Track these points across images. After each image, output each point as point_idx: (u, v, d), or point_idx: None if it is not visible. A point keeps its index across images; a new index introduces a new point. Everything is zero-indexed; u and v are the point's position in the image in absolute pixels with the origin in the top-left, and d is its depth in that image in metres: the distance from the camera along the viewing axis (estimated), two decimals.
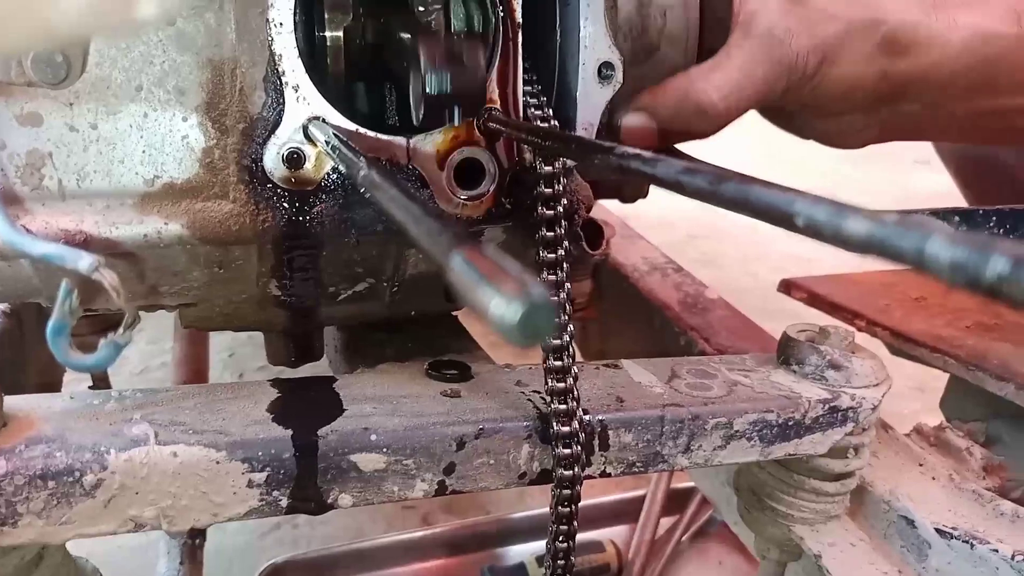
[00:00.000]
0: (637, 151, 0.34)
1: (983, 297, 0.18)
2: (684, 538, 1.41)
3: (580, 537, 0.60)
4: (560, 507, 0.56)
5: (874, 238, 0.21)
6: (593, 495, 1.46)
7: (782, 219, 0.25)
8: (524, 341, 0.17)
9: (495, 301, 0.17)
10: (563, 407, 0.55)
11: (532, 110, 0.59)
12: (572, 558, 0.59)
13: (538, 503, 1.46)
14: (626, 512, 1.43)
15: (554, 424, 0.55)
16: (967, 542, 0.64)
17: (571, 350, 0.56)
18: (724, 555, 1.40)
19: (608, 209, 1.38)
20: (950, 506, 0.69)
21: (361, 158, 0.39)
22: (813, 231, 0.23)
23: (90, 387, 0.90)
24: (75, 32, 0.37)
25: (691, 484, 1.41)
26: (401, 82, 0.57)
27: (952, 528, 0.66)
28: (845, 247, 0.22)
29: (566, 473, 0.55)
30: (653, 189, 0.87)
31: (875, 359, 0.67)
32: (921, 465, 0.75)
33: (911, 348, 0.87)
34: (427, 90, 0.50)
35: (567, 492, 0.56)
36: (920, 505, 0.69)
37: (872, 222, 0.21)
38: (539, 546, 1.24)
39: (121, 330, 0.42)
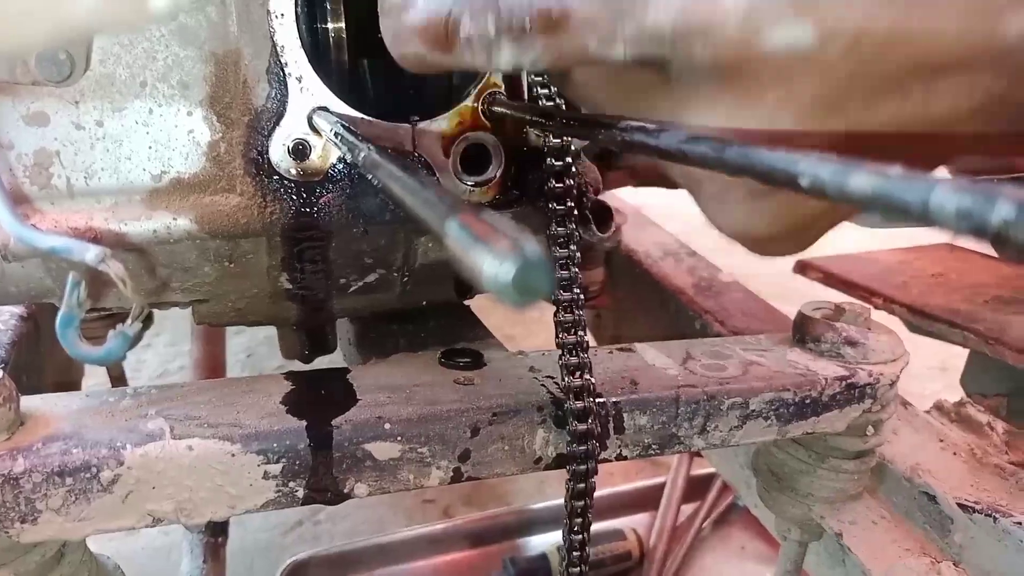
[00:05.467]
0: (641, 123, 0.33)
1: (989, 244, 0.18)
2: (705, 524, 1.40)
3: (601, 525, 0.60)
4: (576, 484, 0.56)
5: (879, 192, 0.21)
6: (613, 483, 1.46)
7: (787, 180, 0.24)
8: (519, 299, 0.17)
9: (488, 260, 0.17)
10: (578, 382, 0.54)
11: (539, 90, 0.58)
12: (587, 535, 0.58)
13: (558, 492, 1.46)
14: (647, 500, 1.43)
15: (569, 398, 0.55)
16: (990, 516, 0.64)
17: (583, 318, 0.55)
18: (746, 540, 1.40)
19: (621, 198, 1.38)
20: (972, 481, 0.68)
21: (364, 142, 0.39)
22: (818, 190, 0.23)
23: None
24: (88, 28, 0.37)
25: (711, 470, 1.41)
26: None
27: (975, 502, 0.65)
28: (851, 203, 0.22)
29: (580, 448, 0.55)
30: None
31: (892, 334, 0.67)
32: (942, 441, 0.74)
33: (929, 324, 0.86)
34: None
35: (582, 468, 0.56)
36: (941, 481, 0.68)
37: (877, 176, 0.21)
38: (560, 536, 1.24)
39: (130, 321, 0.42)
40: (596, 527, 0.59)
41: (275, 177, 0.54)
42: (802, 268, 1.03)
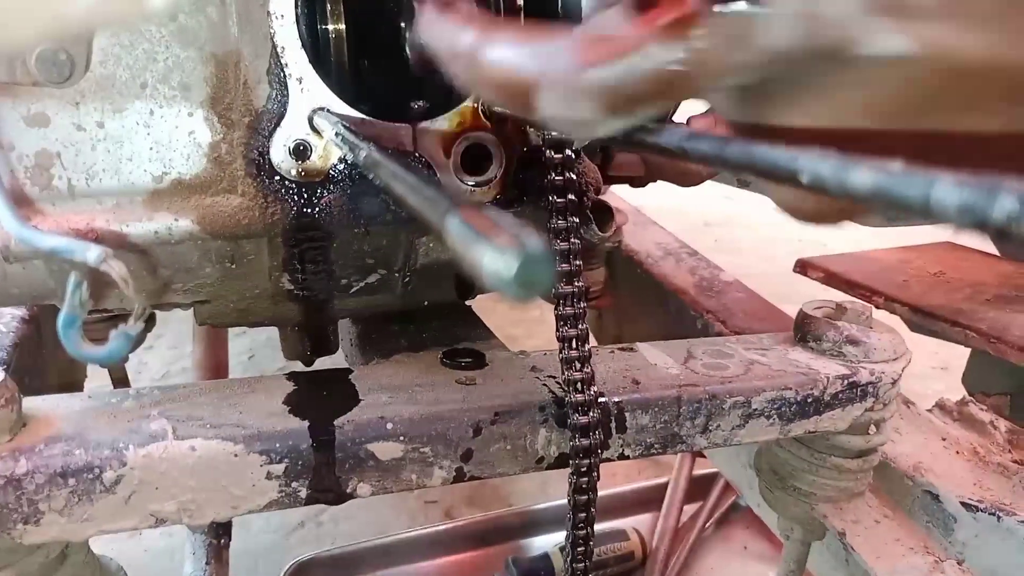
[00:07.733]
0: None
1: (991, 239, 0.18)
2: (708, 524, 1.40)
3: (604, 526, 0.60)
4: (578, 482, 0.56)
5: (880, 187, 0.20)
6: (616, 484, 1.46)
7: (787, 177, 0.24)
8: (521, 293, 0.17)
9: (490, 255, 0.17)
10: (579, 376, 0.54)
11: None
12: (591, 532, 0.58)
13: (560, 493, 1.46)
14: (649, 500, 1.42)
15: (570, 393, 0.54)
16: (993, 515, 0.64)
17: (584, 310, 0.55)
18: (749, 540, 1.39)
19: (621, 197, 1.38)
20: (975, 479, 0.68)
21: (365, 142, 0.39)
22: (819, 186, 0.23)
23: None
24: (86, 24, 0.37)
25: (713, 470, 1.41)
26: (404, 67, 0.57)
27: (978, 501, 0.65)
28: (852, 199, 0.22)
29: (582, 444, 0.55)
30: None
31: (893, 333, 0.67)
32: (944, 440, 0.74)
33: (931, 323, 0.86)
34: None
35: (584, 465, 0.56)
36: (944, 479, 0.68)
37: (877, 172, 0.21)
38: (563, 536, 1.24)
39: (131, 321, 0.42)
40: (599, 527, 0.59)
41: (276, 178, 0.54)
42: (803, 267, 1.02)
